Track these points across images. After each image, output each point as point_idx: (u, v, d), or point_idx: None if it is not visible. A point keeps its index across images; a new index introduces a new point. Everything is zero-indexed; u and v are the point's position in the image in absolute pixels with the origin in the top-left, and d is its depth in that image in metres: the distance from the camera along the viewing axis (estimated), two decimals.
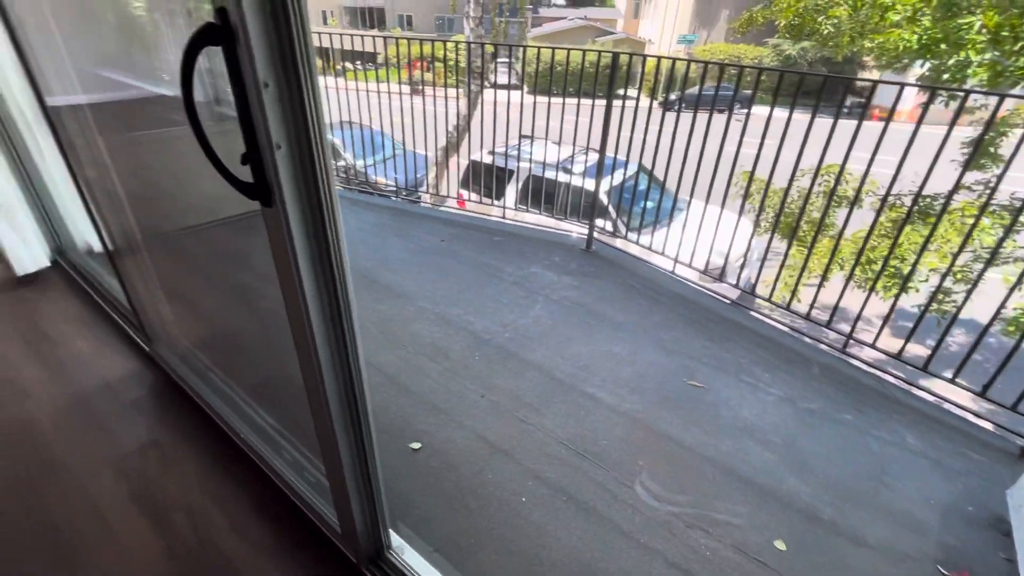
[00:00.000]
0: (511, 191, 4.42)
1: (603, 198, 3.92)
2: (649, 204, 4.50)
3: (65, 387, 1.71)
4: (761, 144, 2.33)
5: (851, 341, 2.29)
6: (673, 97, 5.28)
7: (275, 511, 1.32)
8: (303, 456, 1.33)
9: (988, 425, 2.03)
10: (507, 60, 15.80)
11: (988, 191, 3.63)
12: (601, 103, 2.78)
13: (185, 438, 1.53)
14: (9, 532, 1.26)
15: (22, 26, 1.36)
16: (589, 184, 3.33)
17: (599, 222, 3.12)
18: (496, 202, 3.71)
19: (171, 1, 1.04)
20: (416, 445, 1.68)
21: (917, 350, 3.50)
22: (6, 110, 2.15)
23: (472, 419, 1.80)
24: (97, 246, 2.41)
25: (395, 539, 1.20)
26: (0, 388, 1.69)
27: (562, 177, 3.96)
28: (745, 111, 2.40)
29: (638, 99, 2.76)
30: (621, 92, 2.90)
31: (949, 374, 2.03)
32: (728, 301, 2.70)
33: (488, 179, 4.45)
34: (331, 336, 0.85)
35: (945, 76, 3.73)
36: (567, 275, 2.80)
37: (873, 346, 2.19)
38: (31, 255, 2.26)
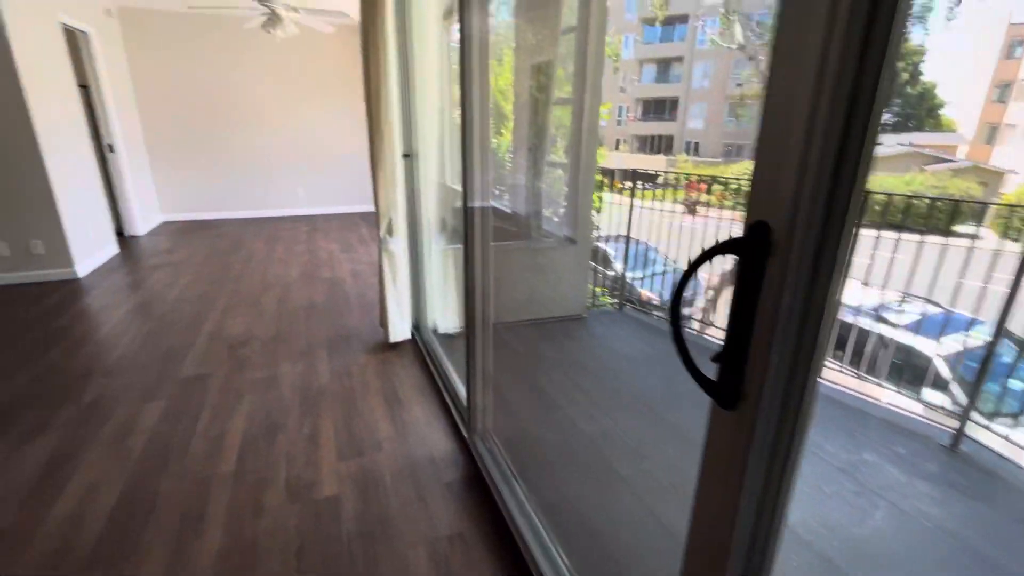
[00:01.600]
0: None
1: (939, 363, 2.96)
2: (1019, 384, 3.20)
3: (403, 449, 2.01)
4: None
5: None
6: None
7: None
8: None
9: None
10: None
11: None
12: (934, 240, 2.19)
13: (483, 540, 1.57)
14: (349, 572, 1.45)
15: (471, 151, 1.79)
16: (921, 343, 2.56)
17: (933, 395, 2.32)
18: None
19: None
20: None
21: None
22: (417, 214, 2.90)
23: None
24: (442, 327, 2.94)
25: None
26: (366, 434, 2.09)
27: (880, 328, 3.18)
28: None
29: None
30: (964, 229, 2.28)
31: None
32: None
33: None
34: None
35: None
36: (922, 479, 2.09)
37: None
38: (401, 328, 2.89)
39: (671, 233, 3.77)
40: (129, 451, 1.98)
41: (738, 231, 0.58)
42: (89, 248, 4.26)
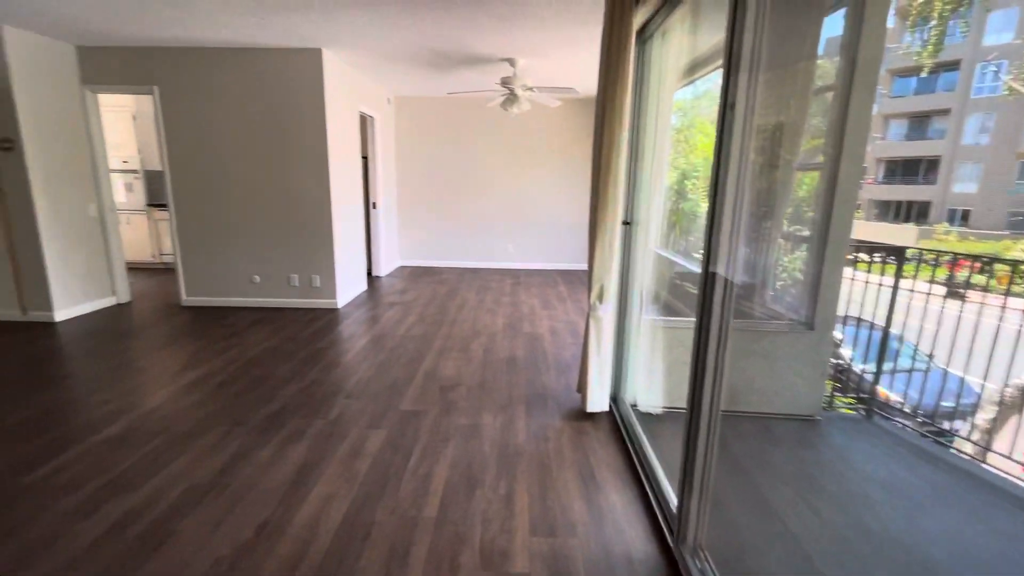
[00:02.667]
0: None
1: None
2: None
3: (598, 539, 1.84)
4: None
5: None
6: None
7: None
8: None
9: None
10: None
11: None
12: None
13: None
14: None
15: (720, 210, 1.62)
16: None
17: None
18: None
19: None
20: None
21: None
22: (629, 283, 2.79)
23: None
24: (643, 404, 2.72)
25: None
26: (559, 512, 1.98)
27: None
28: None
29: None
30: None
31: None
32: None
33: None
34: None
35: None
36: None
37: None
38: (599, 398, 2.77)
39: (925, 320, 2.94)
40: (356, 473, 2.22)
41: None
42: (348, 285, 5.24)
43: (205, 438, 2.48)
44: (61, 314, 4.38)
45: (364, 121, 6.04)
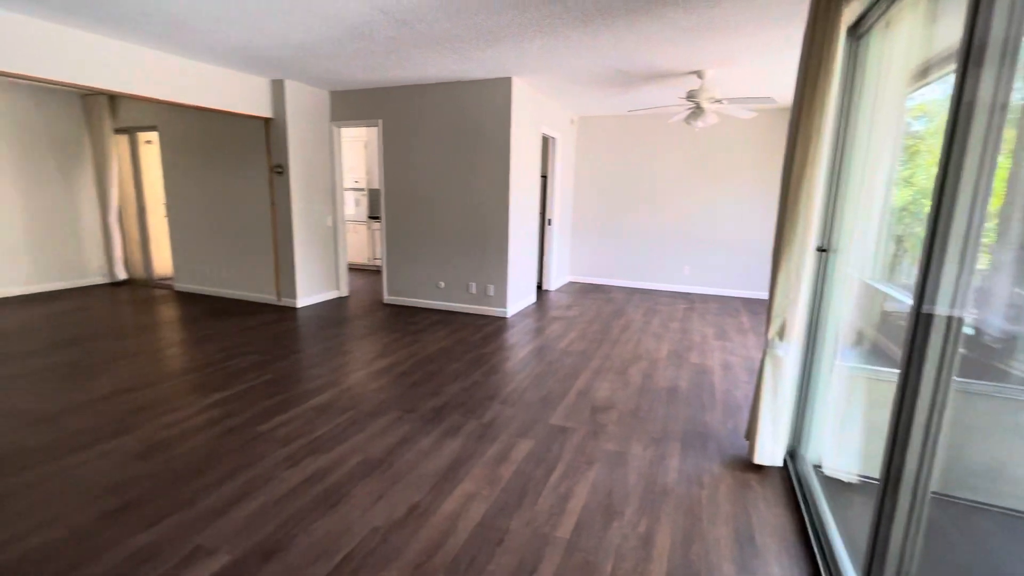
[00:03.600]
0: None
1: None
2: None
3: None
4: None
5: None
6: None
7: None
8: None
9: None
10: None
11: None
12: None
13: None
14: None
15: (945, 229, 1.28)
16: None
17: None
18: None
19: None
20: None
21: None
22: (820, 320, 2.36)
23: None
24: (828, 466, 2.26)
25: None
26: (702, 571, 1.76)
27: None
28: None
29: None
30: None
31: None
32: None
33: None
34: None
35: None
36: None
37: None
38: (771, 450, 2.39)
39: None
40: (499, 477, 2.30)
41: None
42: (518, 296, 5.52)
43: (382, 419, 2.85)
44: (301, 301, 5.54)
45: (546, 142, 6.34)
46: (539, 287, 6.80)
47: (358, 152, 8.01)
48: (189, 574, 1.68)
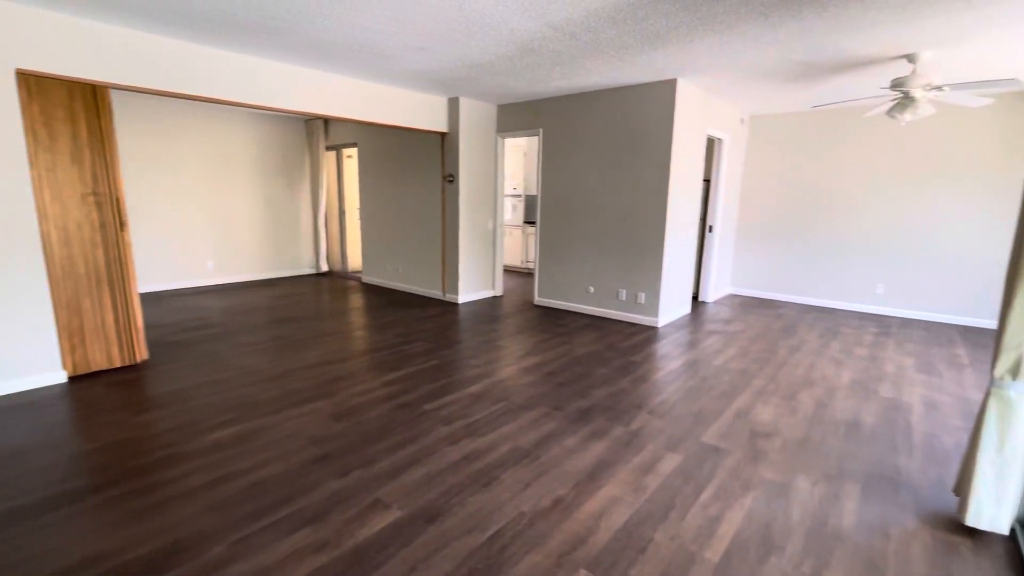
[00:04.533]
0: None
1: None
2: None
3: None
4: None
5: None
6: None
7: None
8: None
9: None
10: None
11: None
12: None
13: None
14: None
15: None
16: None
17: None
18: None
19: None
20: None
21: None
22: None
23: None
24: None
25: None
26: None
27: None
28: None
29: None
30: None
31: None
32: None
33: None
34: None
35: None
36: None
37: None
38: (992, 513, 1.94)
39: None
40: (645, 487, 2.26)
41: None
42: (671, 306, 5.29)
43: (531, 413, 3.00)
44: (463, 298, 6.06)
45: (711, 143, 5.96)
46: (695, 298, 6.42)
47: (517, 160, 8.47)
48: (371, 520, 1.99)
